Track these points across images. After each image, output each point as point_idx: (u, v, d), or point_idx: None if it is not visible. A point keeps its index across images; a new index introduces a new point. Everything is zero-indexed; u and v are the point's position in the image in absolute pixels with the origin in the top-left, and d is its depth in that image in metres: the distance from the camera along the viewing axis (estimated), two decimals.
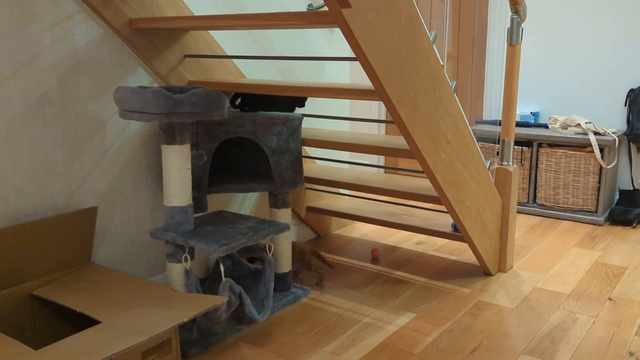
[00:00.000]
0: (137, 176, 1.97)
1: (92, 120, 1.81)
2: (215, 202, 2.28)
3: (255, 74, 2.38)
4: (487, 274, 2.35)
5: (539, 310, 2.02)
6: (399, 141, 2.11)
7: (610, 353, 1.72)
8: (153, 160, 2.01)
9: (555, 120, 3.22)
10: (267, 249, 1.84)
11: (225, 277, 1.67)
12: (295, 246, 2.30)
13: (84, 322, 1.72)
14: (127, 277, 1.72)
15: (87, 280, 1.69)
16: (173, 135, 1.62)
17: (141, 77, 1.93)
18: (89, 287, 1.65)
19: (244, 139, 2.17)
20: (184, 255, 1.69)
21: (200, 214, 2.03)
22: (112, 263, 1.93)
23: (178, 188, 1.65)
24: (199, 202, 2.00)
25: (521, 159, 3.22)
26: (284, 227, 1.81)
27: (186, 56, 2.04)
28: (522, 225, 3.03)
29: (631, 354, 1.72)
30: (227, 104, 1.67)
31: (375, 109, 3.93)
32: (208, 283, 1.92)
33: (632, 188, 3.25)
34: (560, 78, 3.42)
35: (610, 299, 2.11)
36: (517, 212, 3.27)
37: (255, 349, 1.76)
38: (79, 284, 1.67)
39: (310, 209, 2.66)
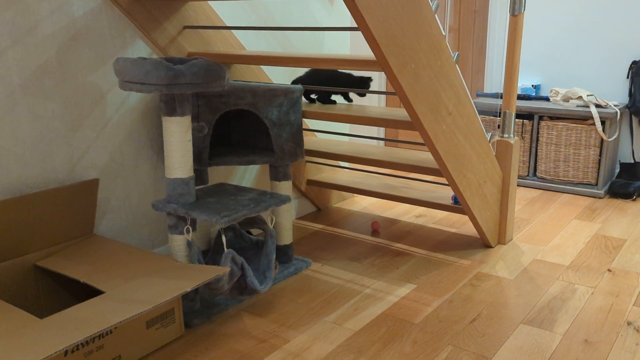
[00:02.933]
0: (138, 148, 1.96)
1: (92, 91, 1.80)
2: (216, 174, 2.28)
3: (255, 46, 2.36)
4: (487, 246, 2.36)
5: (538, 281, 2.04)
6: (400, 113, 2.10)
7: (608, 323, 1.75)
8: (154, 132, 2.01)
9: (557, 93, 3.21)
10: (269, 221, 1.84)
11: (227, 248, 1.68)
12: None
13: (87, 292, 1.74)
14: (130, 248, 1.73)
15: (90, 252, 1.70)
16: (174, 106, 1.61)
17: (140, 49, 1.91)
18: (92, 258, 1.66)
19: (245, 111, 2.16)
20: (185, 227, 1.70)
21: (202, 186, 2.03)
22: (114, 235, 1.94)
23: (179, 160, 1.65)
24: (200, 174, 2.00)
25: (522, 132, 3.21)
26: (285, 199, 1.81)
27: (185, 27, 2.02)
28: (522, 198, 3.04)
29: (629, 323, 1.74)
30: (228, 75, 1.66)
31: (375, 81, 3.91)
32: (210, 255, 1.93)
33: (632, 161, 3.25)
34: (563, 50, 3.39)
35: (609, 270, 2.13)
36: (518, 185, 3.28)
37: (257, 319, 1.78)
38: (82, 255, 1.68)
39: (311, 182, 2.67)
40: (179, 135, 1.63)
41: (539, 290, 1.97)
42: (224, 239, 1.64)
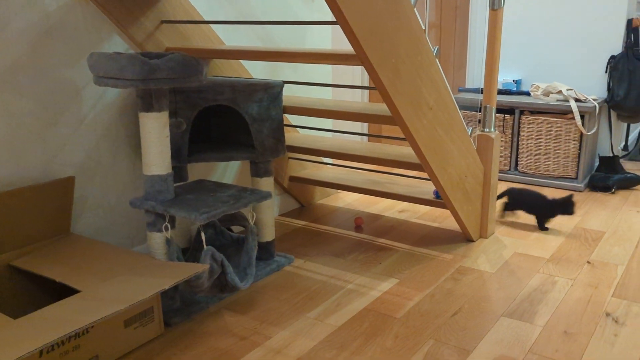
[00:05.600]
0: (115, 145, 1.93)
1: (67, 87, 1.77)
2: (196, 171, 2.25)
3: (235, 41, 2.34)
4: (469, 240, 2.37)
5: (519, 274, 2.05)
6: (382, 108, 2.10)
7: (587, 314, 1.76)
8: (131, 129, 1.98)
9: (537, 88, 3.23)
10: (250, 218, 1.83)
11: (206, 245, 1.66)
12: None
13: (63, 292, 1.71)
14: (107, 246, 1.71)
15: (67, 251, 1.67)
16: (150, 102, 1.59)
17: (117, 44, 1.88)
18: (68, 257, 1.63)
19: (225, 107, 2.14)
20: (164, 224, 1.68)
21: (181, 183, 2.01)
22: (92, 234, 1.91)
23: (157, 156, 1.63)
24: (179, 171, 1.98)
25: (503, 127, 3.23)
26: (266, 195, 1.80)
27: (163, 22, 1.99)
28: None
29: (608, 314, 1.76)
30: (205, 69, 1.64)
31: (358, 76, 3.90)
32: (190, 252, 1.91)
33: (611, 154, 3.28)
34: (543, 45, 3.41)
35: (588, 262, 2.15)
36: (499, 180, 3.29)
37: (238, 316, 1.76)
38: (58, 254, 1.65)
39: (293, 179, 2.65)
40: (156, 132, 1.61)
41: (520, 283, 1.97)
42: (203, 236, 1.62)
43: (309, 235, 2.45)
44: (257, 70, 2.47)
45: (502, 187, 3.15)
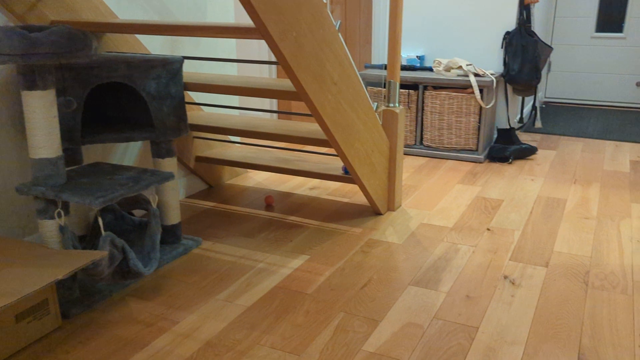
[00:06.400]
0: None
1: None
2: (93, 154, 2.12)
3: (129, 14, 2.21)
4: (377, 213, 2.42)
5: (424, 244, 2.11)
6: (288, 84, 2.07)
7: (487, 278, 1.85)
8: (16, 109, 1.82)
9: (439, 63, 3.32)
10: (152, 200, 1.75)
11: (105, 231, 1.57)
12: None
13: None
14: None
15: None
16: (34, 79, 1.46)
17: None
18: None
19: (121, 85, 2.02)
20: (57, 211, 1.56)
21: (75, 167, 1.88)
22: None
23: (44, 138, 1.51)
24: (72, 154, 1.85)
25: (408, 102, 3.31)
26: (168, 177, 1.72)
27: None
28: (409, 166, 3.14)
29: (505, 277, 1.86)
30: (95, 44, 1.53)
31: (265, 51, 3.84)
32: (88, 239, 1.80)
33: (508, 127, 3.46)
34: (444, 21, 3.51)
35: (488, 229, 2.26)
36: (405, 154, 3.38)
37: (144, 302, 1.69)
38: None
39: (200, 159, 2.57)
40: (41, 111, 1.48)
41: (426, 252, 2.04)
42: (100, 221, 1.53)
43: (218, 216, 2.39)
44: (156, 46, 2.35)
45: (408, 161, 3.24)
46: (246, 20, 3.82)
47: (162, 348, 1.47)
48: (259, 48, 3.89)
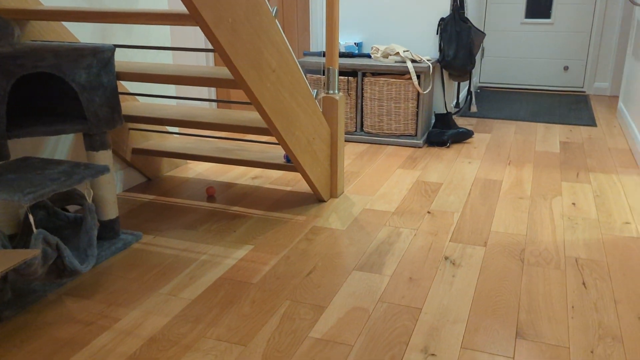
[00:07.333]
0: None
1: None
2: (21, 148, 2.02)
3: (55, 0, 2.10)
4: (321, 200, 2.42)
5: (368, 229, 2.14)
6: (225, 72, 2.03)
7: (429, 259, 1.89)
8: None
9: (377, 50, 3.35)
10: (86, 195, 1.68)
11: (36, 228, 1.50)
12: None
13: None
14: None
15: None
16: None
17: None
18: None
19: (49, 75, 1.92)
20: None
21: (1, 162, 1.78)
22: None
23: None
24: None
25: (347, 89, 3.32)
26: (103, 170, 1.66)
27: None
28: (351, 153, 3.17)
29: (446, 258, 1.91)
30: (17, 32, 1.44)
31: (201, 39, 3.75)
32: (19, 238, 1.71)
33: (445, 112, 3.54)
34: (380, 8, 3.54)
35: (429, 212, 2.31)
36: (347, 141, 3.41)
37: (82, 301, 1.63)
38: None
39: (137, 151, 2.49)
40: None
41: (369, 237, 2.07)
42: (31, 218, 1.45)
43: (158, 209, 2.33)
44: (86, 34, 2.25)
45: (350, 148, 3.27)
46: (180, 7, 3.72)
47: (103, 347, 1.42)
48: (195, 35, 3.80)
